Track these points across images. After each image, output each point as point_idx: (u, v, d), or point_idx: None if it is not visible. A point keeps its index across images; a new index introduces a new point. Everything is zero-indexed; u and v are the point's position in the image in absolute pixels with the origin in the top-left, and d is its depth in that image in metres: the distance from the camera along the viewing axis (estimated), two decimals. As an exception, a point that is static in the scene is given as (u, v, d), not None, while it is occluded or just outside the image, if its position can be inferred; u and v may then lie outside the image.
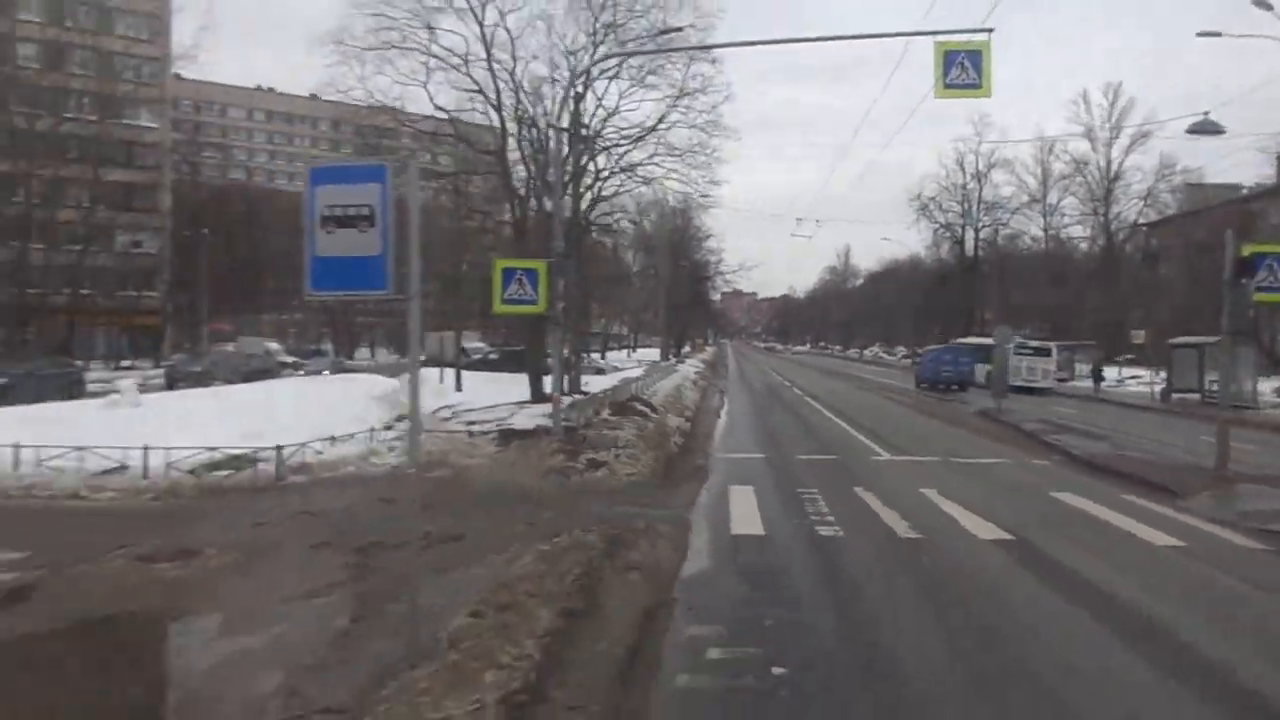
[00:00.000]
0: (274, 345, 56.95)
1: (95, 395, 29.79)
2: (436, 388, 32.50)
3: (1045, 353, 43.05)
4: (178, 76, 58.72)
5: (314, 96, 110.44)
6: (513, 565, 8.75)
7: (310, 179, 6.25)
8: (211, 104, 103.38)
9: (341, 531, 10.41)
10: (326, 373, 47.61)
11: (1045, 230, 73.21)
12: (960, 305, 71.86)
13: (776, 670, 6.37)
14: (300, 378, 42.57)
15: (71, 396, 29.47)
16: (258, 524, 10.86)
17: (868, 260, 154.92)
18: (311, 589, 8.18)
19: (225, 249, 63.71)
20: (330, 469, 14.53)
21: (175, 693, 6.00)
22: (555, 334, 16.43)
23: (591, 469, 14.44)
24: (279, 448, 14.15)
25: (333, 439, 15.97)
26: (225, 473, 13.88)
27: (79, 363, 38.15)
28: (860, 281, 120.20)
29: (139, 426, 18.05)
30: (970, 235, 75.37)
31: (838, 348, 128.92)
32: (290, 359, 53.98)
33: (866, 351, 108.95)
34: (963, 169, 73.33)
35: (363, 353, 78.91)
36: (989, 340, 35.23)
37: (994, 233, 74.75)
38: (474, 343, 56.92)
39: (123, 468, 13.81)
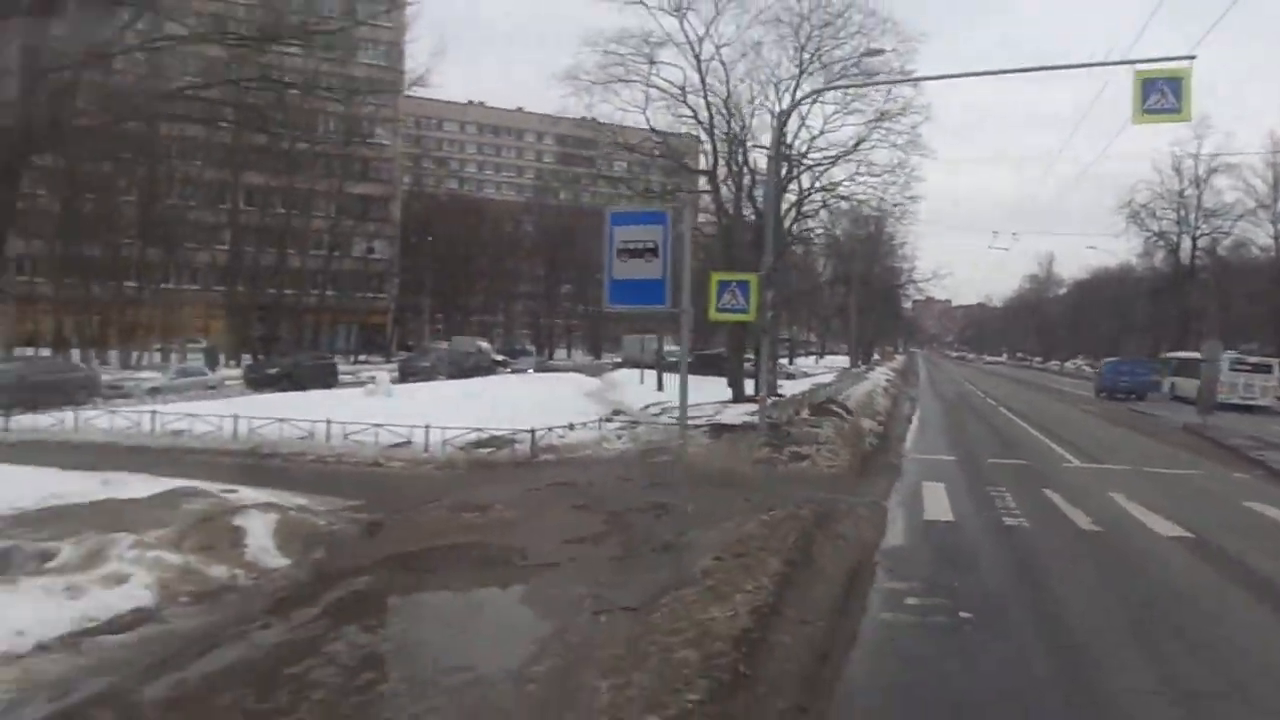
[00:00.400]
0: (484, 344, 61.84)
1: (346, 385, 34.41)
2: (638, 387, 34.96)
3: (1265, 369, 40.91)
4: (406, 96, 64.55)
5: (519, 109, 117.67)
6: (740, 529, 10.68)
7: (610, 220, 8.44)
8: (430, 119, 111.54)
9: (594, 499, 12.70)
10: (531, 371, 51.56)
11: (1276, 239, 68.07)
12: (1174, 317, 67.97)
13: (963, 614, 7.99)
14: (509, 375, 46.52)
15: (327, 385, 34.14)
16: (525, 490, 13.31)
17: (1071, 268, 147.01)
18: (584, 536, 10.43)
19: (443, 255, 69.69)
20: (571, 450, 17.00)
21: (510, 594, 8.32)
22: (765, 341, 18.29)
23: (795, 461, 16.20)
24: (532, 431, 16.76)
25: (571, 426, 18.51)
26: (489, 450, 16.62)
27: (332, 356, 43.48)
28: (1063, 290, 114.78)
29: (395, 410, 21.31)
30: (1187, 243, 71.10)
31: (1037, 359, 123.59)
32: (500, 357, 58.60)
33: (1068, 364, 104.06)
34: (1179, 174, 69.20)
35: (560, 353, 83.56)
36: (1189, 354, 34.18)
37: (1213, 241, 70.21)
38: (669, 346, 59.53)
39: (408, 443, 16.79)
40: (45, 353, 39.24)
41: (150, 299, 46.57)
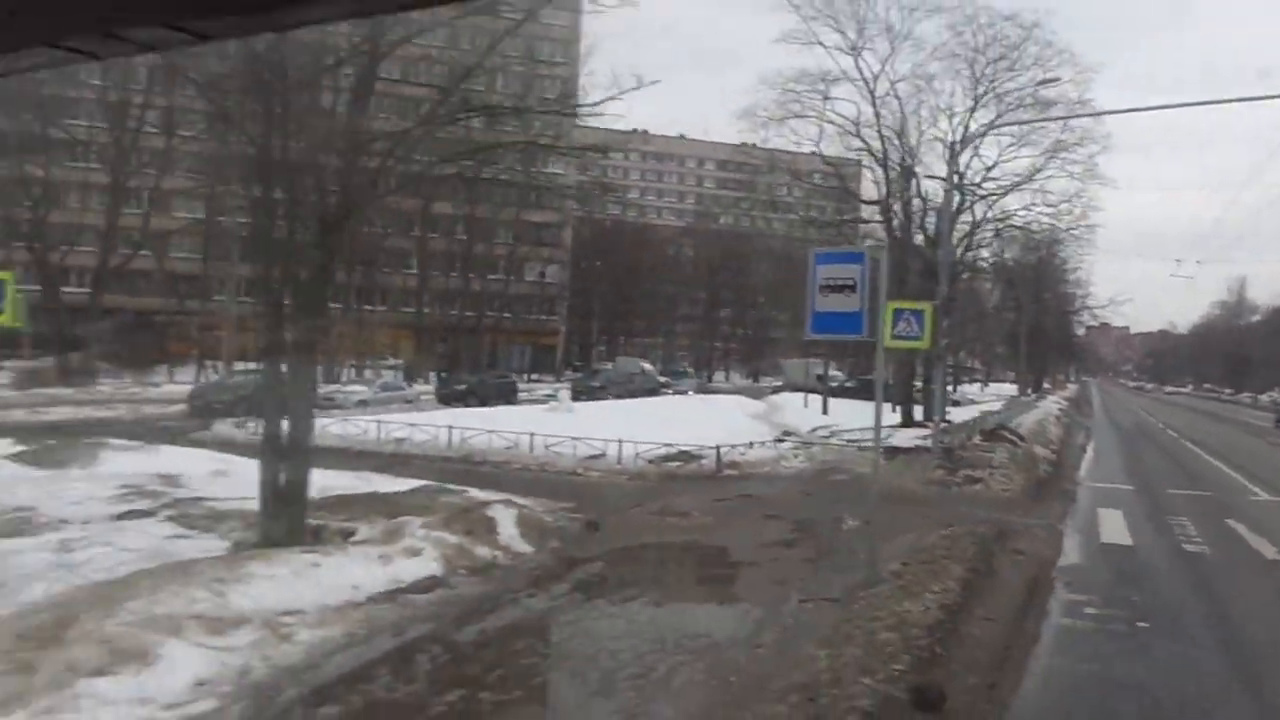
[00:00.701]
0: (647, 366, 63.78)
1: (523, 402, 36.78)
2: (802, 410, 35.72)
3: None
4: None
5: (681, 136, 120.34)
6: (920, 541, 11.59)
7: (815, 260, 9.63)
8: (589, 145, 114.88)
9: (780, 510, 13.83)
10: (691, 392, 52.96)
11: None
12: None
13: (1140, 624, 8.68)
14: (671, 395, 48.06)
15: (509, 402, 36.58)
16: (716, 500, 14.58)
17: (1266, 294, 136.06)
18: (778, 541, 11.60)
19: (609, 278, 72.48)
20: (752, 467, 18.20)
21: (723, 582, 9.59)
22: (939, 367, 18.97)
23: (969, 483, 16.82)
24: (717, 447, 18.07)
25: (750, 444, 19.72)
26: (676, 463, 18.03)
27: (512, 375, 46.41)
28: (1257, 318, 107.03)
29: (576, 426, 22.98)
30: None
31: (1227, 390, 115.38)
32: (662, 379, 60.35)
33: (1263, 396, 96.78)
34: (1393, 192, 63.91)
35: (717, 376, 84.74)
36: None
37: None
38: (832, 370, 59.75)
39: (602, 455, 18.40)
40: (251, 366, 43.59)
41: (350, 319, 50.81)
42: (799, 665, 6.76)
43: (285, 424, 9.25)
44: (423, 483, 13.98)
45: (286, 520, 9.10)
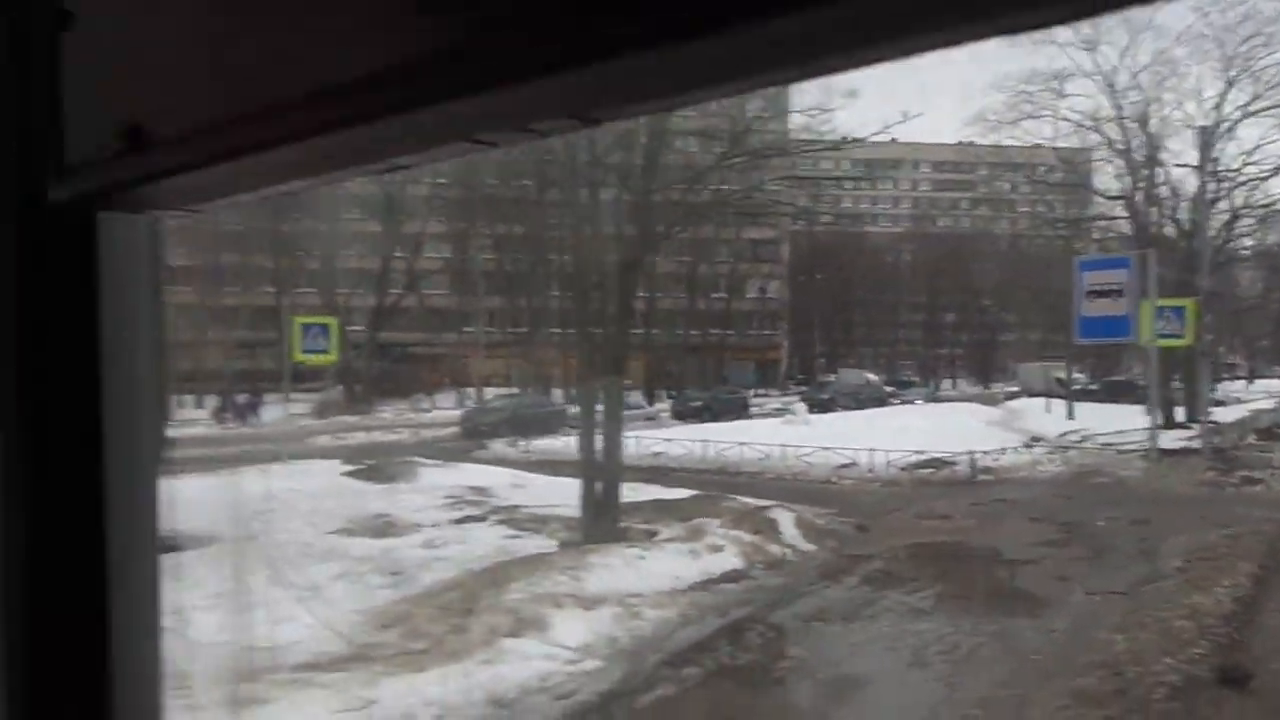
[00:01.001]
0: (871, 376, 63.06)
1: (754, 416, 37.80)
2: (1044, 416, 34.53)
3: None
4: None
5: (892, 140, 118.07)
6: (1199, 539, 11.59)
7: (1080, 266, 10.13)
8: (806, 159, 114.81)
9: (1041, 513, 14.04)
10: (920, 401, 52.04)
11: None
12: None
13: None
14: (900, 405, 47.57)
15: (740, 416, 37.72)
16: (973, 504, 14.95)
17: None
18: (1045, 541, 11.93)
19: (827, 290, 72.43)
20: (1006, 473, 18.27)
21: (1001, 576, 10.15)
22: (1205, 364, 18.25)
23: (1246, 484, 16.18)
24: (971, 454, 18.32)
25: (1003, 450, 19.76)
26: (929, 470, 18.42)
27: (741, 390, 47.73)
28: None
29: (814, 437, 23.64)
30: None
31: None
32: (888, 389, 59.57)
33: None
34: None
35: (944, 383, 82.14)
36: None
37: None
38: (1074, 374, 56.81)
39: (853, 464, 19.09)
40: (497, 390, 47.18)
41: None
42: (1096, 648, 7.34)
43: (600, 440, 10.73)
44: (692, 491, 15.24)
45: (604, 522, 10.56)
